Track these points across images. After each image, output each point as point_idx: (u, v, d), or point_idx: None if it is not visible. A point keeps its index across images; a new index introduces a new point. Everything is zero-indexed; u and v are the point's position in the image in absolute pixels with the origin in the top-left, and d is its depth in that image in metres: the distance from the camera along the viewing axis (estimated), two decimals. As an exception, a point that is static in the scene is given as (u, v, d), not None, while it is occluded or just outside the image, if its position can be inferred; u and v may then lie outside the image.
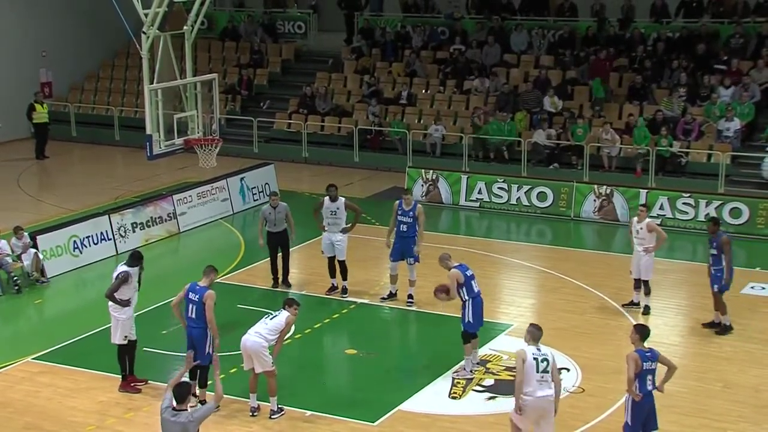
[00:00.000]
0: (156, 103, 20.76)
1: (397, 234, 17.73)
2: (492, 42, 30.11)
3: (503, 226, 23.77)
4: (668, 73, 27.63)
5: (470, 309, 14.93)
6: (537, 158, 26.51)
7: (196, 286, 13.94)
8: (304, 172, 28.52)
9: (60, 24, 33.41)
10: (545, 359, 11.76)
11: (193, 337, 13.78)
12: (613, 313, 17.64)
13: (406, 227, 17.62)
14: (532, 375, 11.67)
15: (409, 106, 29.25)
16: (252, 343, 13.57)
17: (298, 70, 33.24)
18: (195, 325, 13.80)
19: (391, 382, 15.22)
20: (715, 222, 16.87)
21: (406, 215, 17.62)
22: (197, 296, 13.79)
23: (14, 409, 14.31)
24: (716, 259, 16.47)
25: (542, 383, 11.70)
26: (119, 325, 14.65)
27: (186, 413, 10.52)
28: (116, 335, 14.73)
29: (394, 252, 17.79)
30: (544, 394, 11.71)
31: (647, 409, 11.86)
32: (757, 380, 15.05)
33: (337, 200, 18.15)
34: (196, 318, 13.78)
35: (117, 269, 14.88)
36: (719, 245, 16.39)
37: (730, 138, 25.24)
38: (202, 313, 13.70)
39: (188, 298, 13.90)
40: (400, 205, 17.75)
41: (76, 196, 25.61)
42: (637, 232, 17.19)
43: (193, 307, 13.82)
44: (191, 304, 13.86)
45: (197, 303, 13.77)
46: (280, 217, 18.34)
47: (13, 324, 18.37)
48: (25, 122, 31.35)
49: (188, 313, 13.90)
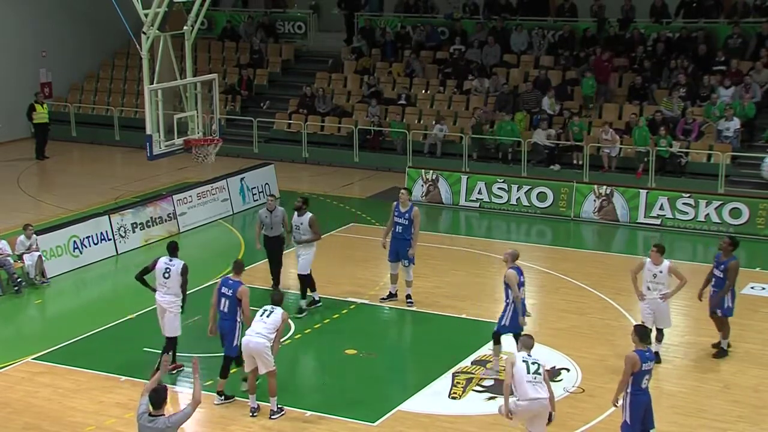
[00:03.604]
0: (156, 103, 20.76)
1: (393, 235, 17.70)
2: (492, 42, 30.12)
3: (503, 226, 23.77)
4: (667, 73, 27.64)
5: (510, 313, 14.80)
6: (537, 158, 26.51)
7: (229, 281, 14.35)
8: (304, 172, 28.53)
9: (60, 24, 33.41)
10: (535, 362, 11.86)
11: (224, 329, 14.20)
12: (613, 313, 17.64)
13: (401, 228, 17.54)
14: (523, 377, 11.73)
15: (408, 106, 29.26)
16: (255, 344, 13.58)
17: (298, 71, 33.24)
18: (226, 318, 14.19)
19: (391, 382, 15.22)
20: (733, 242, 15.57)
21: (402, 217, 17.55)
22: (231, 291, 14.17)
23: (13, 409, 14.30)
24: (720, 281, 15.47)
25: (535, 384, 11.73)
26: (177, 317, 15.07)
27: (163, 419, 10.26)
28: (175, 326, 15.04)
29: (391, 253, 17.81)
30: (537, 396, 11.73)
31: (645, 407, 11.88)
32: (757, 380, 15.05)
33: (304, 216, 17.39)
34: (228, 311, 14.16)
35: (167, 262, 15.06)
36: (727, 269, 15.36)
37: (730, 138, 25.25)
38: (235, 307, 14.11)
39: (221, 293, 14.28)
40: (397, 206, 17.68)
41: (76, 196, 25.61)
42: (654, 276, 15.12)
43: (226, 301, 14.19)
44: (224, 298, 14.22)
45: (231, 297, 14.14)
46: (276, 221, 17.95)
47: (13, 324, 18.36)
48: (25, 122, 31.36)
49: (220, 307, 14.27)
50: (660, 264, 15.12)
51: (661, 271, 15.08)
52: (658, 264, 15.13)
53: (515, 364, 11.78)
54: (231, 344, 14.17)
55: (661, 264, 15.12)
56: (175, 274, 15.00)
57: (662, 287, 15.11)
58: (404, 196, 17.76)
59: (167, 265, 15.06)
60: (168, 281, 15.00)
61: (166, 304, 15.07)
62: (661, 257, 15.16)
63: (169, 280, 14.99)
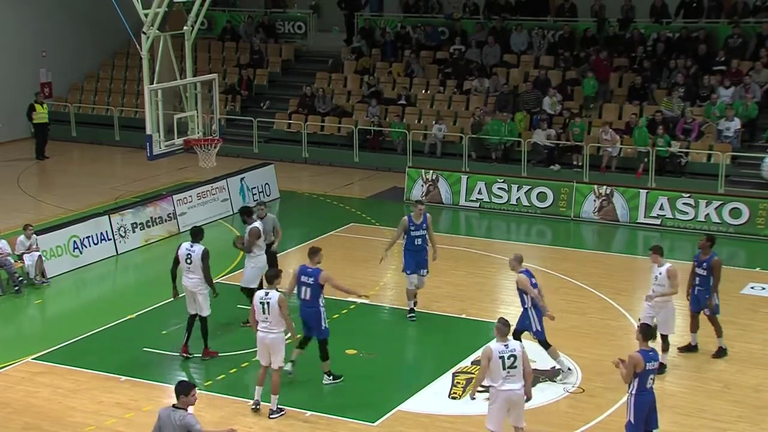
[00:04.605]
0: (156, 103, 20.75)
1: (411, 248, 16.98)
2: (492, 42, 30.12)
3: (503, 226, 23.76)
4: (667, 73, 27.64)
5: (535, 316, 14.76)
6: (537, 158, 26.51)
7: (308, 269, 14.42)
8: (304, 172, 28.52)
9: (60, 24, 33.39)
10: (512, 356, 11.99)
11: (309, 316, 14.37)
12: (613, 314, 17.62)
13: (420, 240, 16.98)
14: (499, 372, 11.98)
15: (408, 106, 29.26)
16: (273, 338, 13.64)
17: (298, 70, 33.24)
18: (309, 306, 14.35)
19: (391, 382, 15.21)
20: (710, 239, 15.76)
21: (419, 229, 16.95)
22: (311, 278, 14.29)
23: (13, 409, 14.29)
24: (704, 280, 15.47)
25: (509, 378, 12.01)
26: (206, 298, 15.50)
27: (181, 413, 10.32)
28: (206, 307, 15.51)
29: (410, 265, 17.04)
30: (510, 388, 12.03)
31: (649, 407, 11.88)
32: (757, 380, 15.04)
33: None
34: (311, 299, 14.31)
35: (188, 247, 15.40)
36: (710, 266, 15.38)
37: (730, 138, 25.25)
38: (317, 293, 14.28)
39: (301, 281, 14.36)
40: (411, 220, 16.96)
41: (76, 196, 25.59)
42: (656, 278, 15.02)
43: (307, 290, 14.31)
44: (304, 286, 14.35)
45: (312, 285, 14.27)
46: (267, 229, 17.24)
47: (13, 324, 18.34)
48: (25, 122, 31.35)
49: (301, 295, 14.38)
50: (661, 266, 15.04)
51: (660, 273, 14.98)
52: (659, 266, 15.05)
53: (492, 359, 11.97)
54: (321, 327, 14.39)
55: (661, 266, 15.04)
56: (197, 259, 15.32)
57: (662, 289, 14.96)
58: (419, 212, 16.98)
59: (188, 250, 15.45)
60: (191, 266, 15.38)
61: (194, 287, 15.42)
62: (660, 259, 15.07)
63: (192, 265, 15.37)
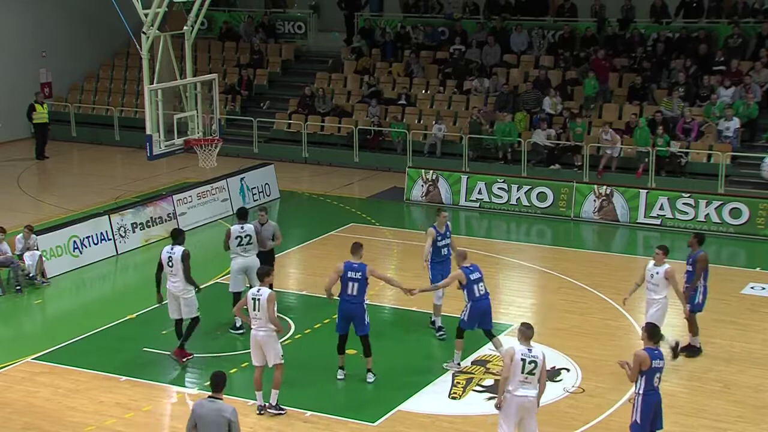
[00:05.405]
0: (156, 103, 20.75)
1: (438, 259, 16.63)
2: (492, 42, 30.12)
3: (503, 227, 23.76)
4: (667, 73, 27.64)
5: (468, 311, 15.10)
6: (537, 158, 26.50)
7: (353, 265, 14.49)
8: (304, 172, 28.52)
9: (60, 24, 33.40)
10: (533, 361, 11.74)
11: (354, 312, 14.49)
12: (613, 314, 17.62)
13: (446, 250, 16.70)
14: (517, 374, 11.73)
15: (408, 106, 29.25)
16: (263, 335, 13.61)
17: (298, 70, 33.24)
18: (355, 301, 14.45)
19: (391, 382, 15.20)
20: (698, 238, 15.80)
21: (445, 238, 16.66)
22: (359, 273, 14.38)
23: (13, 409, 14.29)
24: (691, 275, 15.61)
25: (525, 383, 11.74)
26: (192, 300, 15.35)
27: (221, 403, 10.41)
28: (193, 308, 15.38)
29: (436, 276, 16.62)
30: (524, 394, 11.75)
31: (655, 407, 11.86)
32: (757, 380, 15.04)
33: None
34: (357, 294, 14.42)
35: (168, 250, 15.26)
36: (696, 261, 15.50)
37: (729, 138, 25.25)
38: (364, 288, 14.41)
39: (348, 277, 14.41)
40: (436, 229, 16.55)
41: (76, 196, 25.60)
42: (652, 276, 15.11)
43: (354, 285, 14.40)
44: (351, 282, 14.41)
45: (360, 280, 14.37)
46: (267, 235, 17.09)
47: (13, 324, 18.35)
48: (25, 122, 31.35)
49: (348, 291, 14.44)
50: (660, 266, 15.07)
51: (657, 272, 15.04)
52: (659, 265, 15.08)
53: (514, 358, 11.73)
54: (364, 323, 14.57)
55: (660, 266, 15.06)
56: (177, 260, 15.12)
57: (657, 288, 15.05)
58: (443, 220, 16.66)
59: (169, 253, 15.26)
60: (173, 269, 15.17)
61: (178, 291, 15.23)
62: (663, 259, 15.10)
63: (173, 268, 15.16)
